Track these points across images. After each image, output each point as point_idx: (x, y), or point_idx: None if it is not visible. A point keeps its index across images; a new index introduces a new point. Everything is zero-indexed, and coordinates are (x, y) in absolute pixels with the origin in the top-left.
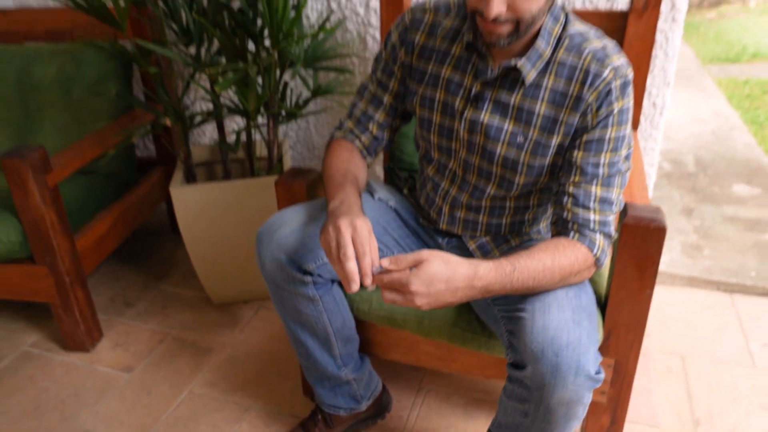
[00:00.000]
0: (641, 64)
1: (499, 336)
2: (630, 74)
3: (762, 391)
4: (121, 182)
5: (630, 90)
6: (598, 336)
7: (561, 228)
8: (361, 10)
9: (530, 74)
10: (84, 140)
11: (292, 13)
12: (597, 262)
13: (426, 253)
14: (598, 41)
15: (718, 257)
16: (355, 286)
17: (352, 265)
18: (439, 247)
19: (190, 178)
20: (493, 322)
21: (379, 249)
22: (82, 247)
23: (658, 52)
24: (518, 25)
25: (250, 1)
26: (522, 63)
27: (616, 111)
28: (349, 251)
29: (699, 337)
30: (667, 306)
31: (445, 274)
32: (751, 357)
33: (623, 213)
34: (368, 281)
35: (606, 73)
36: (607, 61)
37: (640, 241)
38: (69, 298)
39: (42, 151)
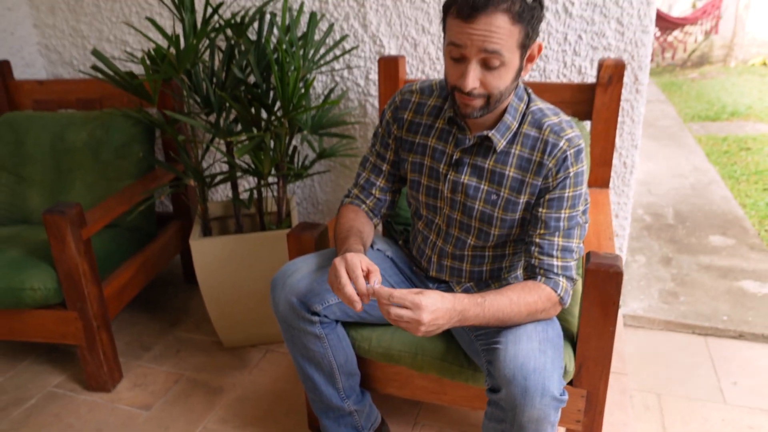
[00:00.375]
0: (609, 129)
1: (480, 366)
2: (581, 144)
3: (731, 424)
4: (142, 235)
5: (583, 156)
6: (563, 364)
7: (530, 272)
8: (362, 82)
9: (500, 143)
10: (113, 197)
11: (301, 88)
12: (561, 301)
13: (421, 289)
14: (555, 117)
15: (693, 303)
16: (358, 306)
17: (348, 290)
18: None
19: (206, 231)
20: (476, 354)
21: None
22: (107, 294)
23: (625, 119)
24: (489, 99)
25: (264, 76)
26: (493, 134)
27: (572, 174)
28: (344, 279)
29: (674, 376)
30: (646, 348)
31: (440, 299)
32: (722, 394)
33: (587, 259)
34: (364, 300)
35: (562, 143)
36: (562, 133)
37: (601, 283)
38: (95, 340)
39: (79, 208)
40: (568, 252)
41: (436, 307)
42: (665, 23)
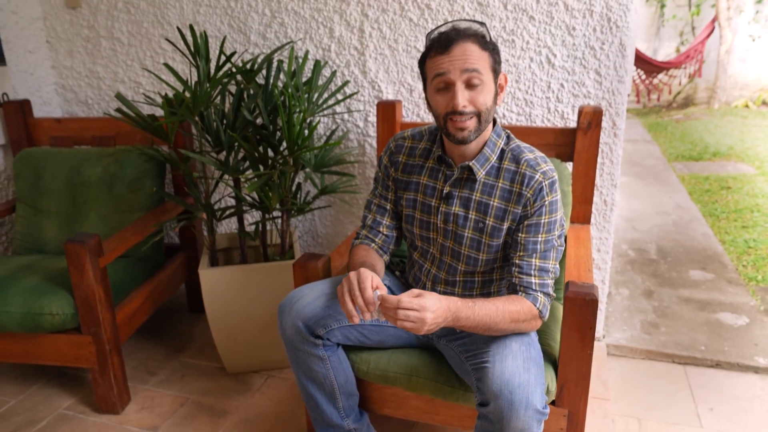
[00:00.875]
0: (589, 170)
1: (470, 384)
2: (555, 176)
3: None
4: (152, 265)
5: (556, 187)
6: (545, 381)
7: (511, 290)
8: (361, 124)
9: (480, 172)
10: (128, 229)
11: (305, 129)
12: (540, 314)
13: (420, 291)
14: (531, 153)
15: (673, 333)
16: (355, 320)
17: (348, 308)
18: None
19: (213, 262)
20: (466, 374)
21: (376, 319)
22: (119, 320)
23: (605, 160)
24: (479, 118)
25: (271, 119)
26: (473, 163)
27: (547, 203)
28: (346, 298)
29: (654, 402)
30: (628, 375)
31: (438, 301)
32: (699, 419)
33: (566, 288)
34: (370, 308)
35: (537, 176)
36: (537, 167)
37: (578, 310)
38: (107, 364)
39: (98, 238)
40: (544, 272)
41: (436, 307)
42: (650, 66)
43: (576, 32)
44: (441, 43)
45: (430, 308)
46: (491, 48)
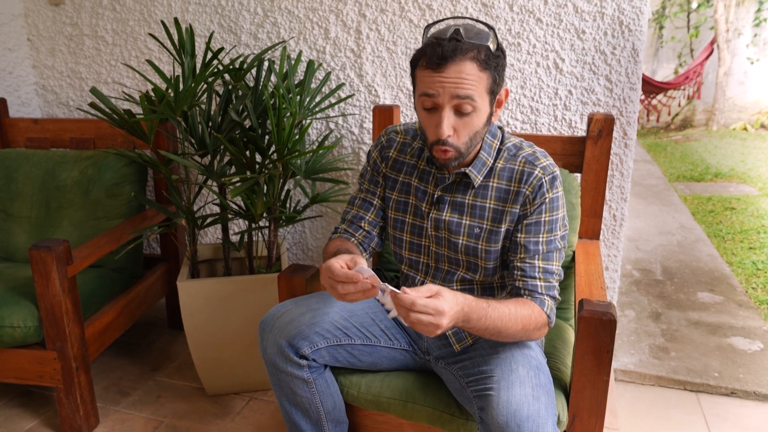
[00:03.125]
0: (599, 181)
1: (472, 414)
2: (556, 171)
3: None
4: (128, 276)
5: (558, 183)
6: (556, 411)
7: (515, 294)
8: (356, 130)
9: (477, 179)
10: (102, 236)
11: (296, 133)
12: (548, 320)
13: (438, 288)
14: (529, 149)
15: (683, 358)
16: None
17: (335, 292)
18: (419, 335)
19: (194, 273)
20: (467, 402)
21: (367, 338)
22: (89, 335)
23: (615, 172)
24: (463, 147)
25: (260, 121)
26: (470, 170)
27: (548, 200)
28: (328, 285)
29: None
30: (638, 403)
31: (455, 303)
32: None
33: (580, 307)
34: (375, 292)
35: (536, 171)
36: (536, 162)
37: (594, 331)
38: (73, 383)
39: (66, 245)
40: (549, 273)
41: (454, 311)
42: (649, 87)
43: (586, 36)
44: (434, 58)
45: (448, 313)
46: (494, 66)
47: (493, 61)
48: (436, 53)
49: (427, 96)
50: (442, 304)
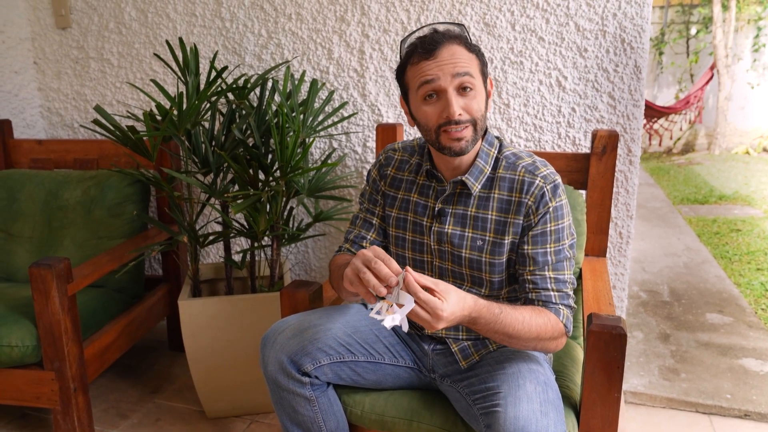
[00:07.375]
0: (605, 198)
1: (478, 431)
2: (557, 179)
3: None
4: (129, 296)
5: (560, 191)
6: (565, 428)
7: (530, 305)
8: (359, 149)
9: (475, 186)
10: (103, 255)
11: (299, 152)
12: (565, 329)
13: (446, 287)
14: (528, 158)
15: (694, 380)
16: (382, 291)
17: (372, 282)
18: (424, 353)
19: (196, 293)
20: (474, 420)
21: (371, 355)
22: (88, 355)
23: (620, 189)
24: (475, 126)
25: (264, 140)
26: (467, 177)
27: (551, 209)
28: (355, 282)
29: None
30: (649, 426)
31: (459, 308)
32: None
33: (589, 321)
34: (381, 292)
35: (537, 181)
36: (536, 172)
37: (604, 346)
38: (71, 404)
39: (67, 263)
40: (561, 283)
41: (455, 317)
42: (651, 111)
43: (588, 54)
44: (425, 47)
45: (446, 318)
46: (477, 50)
47: (474, 47)
48: (426, 43)
49: (427, 83)
50: (442, 307)
